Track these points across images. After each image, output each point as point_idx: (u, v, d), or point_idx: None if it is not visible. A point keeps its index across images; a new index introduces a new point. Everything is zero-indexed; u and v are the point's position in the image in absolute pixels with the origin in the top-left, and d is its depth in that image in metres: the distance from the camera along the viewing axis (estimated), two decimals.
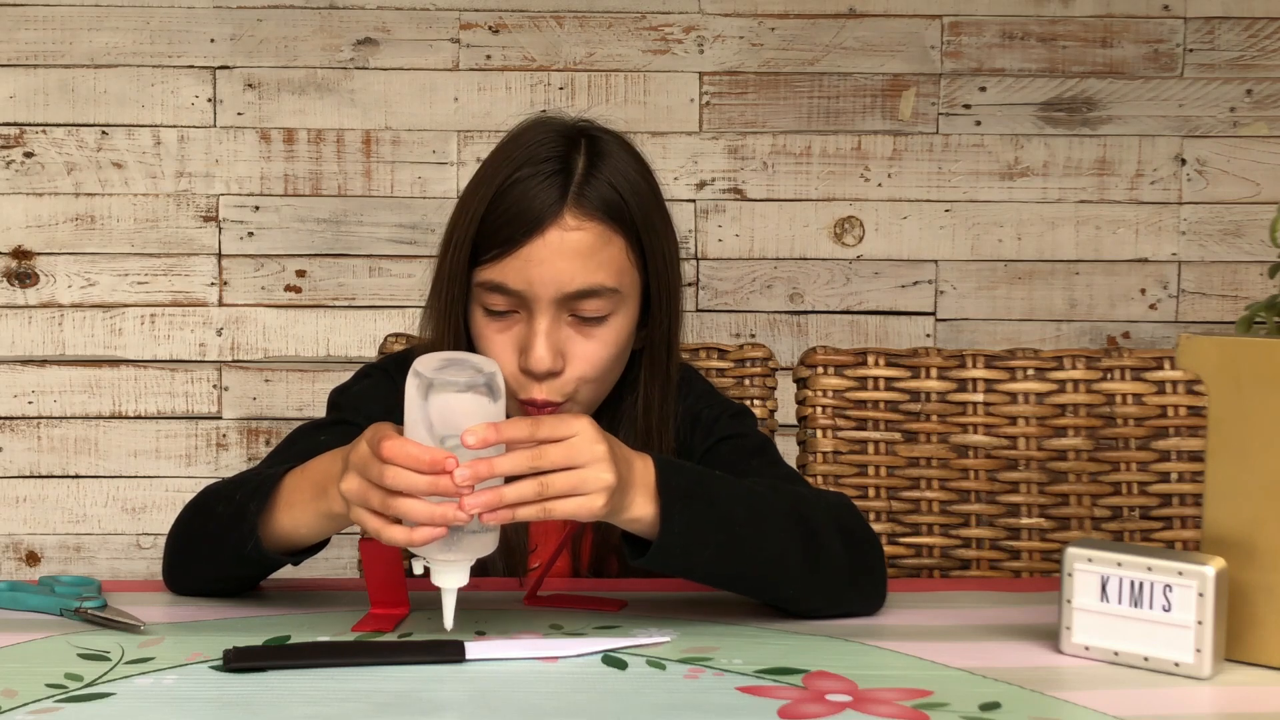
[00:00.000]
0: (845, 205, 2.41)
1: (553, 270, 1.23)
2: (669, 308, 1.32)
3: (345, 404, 1.37)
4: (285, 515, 1.12)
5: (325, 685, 0.97)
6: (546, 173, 1.24)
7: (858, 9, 2.38)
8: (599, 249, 1.24)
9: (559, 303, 1.24)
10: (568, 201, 1.23)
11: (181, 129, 2.36)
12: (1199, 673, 1.01)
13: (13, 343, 2.37)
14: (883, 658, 1.05)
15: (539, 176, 1.24)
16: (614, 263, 1.25)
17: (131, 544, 2.39)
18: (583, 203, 1.24)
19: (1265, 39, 2.40)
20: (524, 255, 1.23)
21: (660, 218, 1.31)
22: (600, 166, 1.26)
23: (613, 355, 1.28)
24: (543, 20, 2.37)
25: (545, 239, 1.22)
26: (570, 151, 1.26)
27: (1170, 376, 1.61)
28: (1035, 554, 1.61)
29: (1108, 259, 2.42)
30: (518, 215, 1.23)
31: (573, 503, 1.02)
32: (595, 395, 1.30)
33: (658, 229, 1.30)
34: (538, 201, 1.23)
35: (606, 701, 0.95)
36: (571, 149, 1.26)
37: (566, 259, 1.23)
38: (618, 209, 1.25)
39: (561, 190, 1.23)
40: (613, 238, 1.25)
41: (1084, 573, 1.05)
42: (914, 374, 1.61)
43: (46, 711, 0.91)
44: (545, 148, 1.26)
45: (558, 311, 1.24)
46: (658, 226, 1.30)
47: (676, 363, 1.35)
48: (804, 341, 2.40)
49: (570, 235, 1.23)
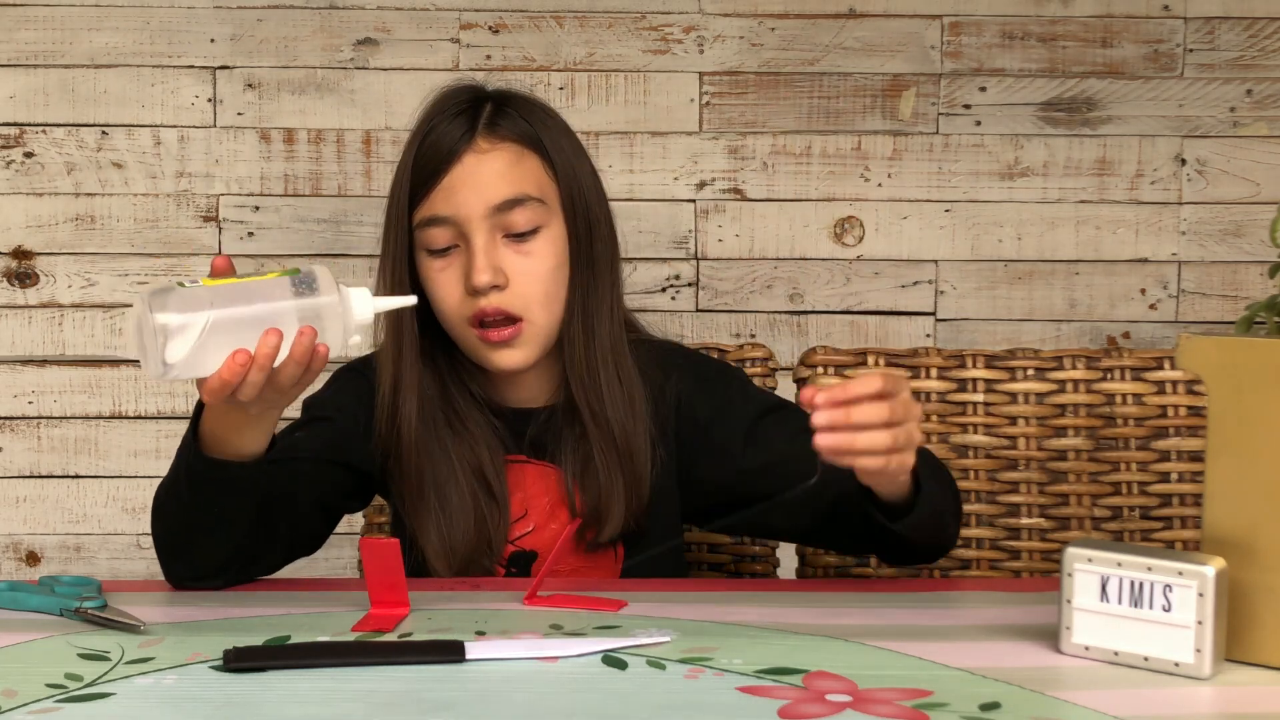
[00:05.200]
0: (845, 205, 2.41)
1: (474, 187, 1.32)
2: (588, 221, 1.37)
3: (316, 403, 1.42)
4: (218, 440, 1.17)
5: (325, 685, 0.97)
6: (456, 112, 1.35)
7: (858, 9, 2.38)
8: (514, 163, 1.34)
9: (490, 223, 1.31)
10: (478, 130, 1.34)
11: (181, 129, 2.36)
12: (1199, 673, 1.01)
13: (13, 343, 2.37)
14: (883, 658, 1.05)
15: (450, 116, 1.35)
16: (532, 174, 1.34)
17: (131, 544, 2.39)
18: (493, 129, 1.34)
19: (1265, 39, 2.40)
20: (446, 184, 1.32)
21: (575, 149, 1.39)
22: (508, 104, 1.37)
23: (551, 269, 1.34)
24: (543, 20, 2.37)
25: (462, 163, 1.32)
26: (480, 99, 1.37)
27: (1170, 376, 1.61)
28: (1035, 554, 1.61)
29: (1108, 259, 2.42)
30: (435, 153, 1.33)
31: (902, 456, 1.10)
32: (548, 319, 1.35)
33: (570, 156, 1.37)
34: (450, 136, 1.33)
35: (606, 701, 0.95)
36: (481, 98, 1.37)
37: (485, 175, 1.32)
38: (527, 132, 1.35)
39: (471, 123, 1.34)
40: (525, 153, 1.35)
41: (1084, 573, 1.05)
42: (914, 374, 1.61)
43: (46, 711, 0.91)
44: (456, 99, 1.37)
45: (490, 231, 1.32)
46: (570, 155, 1.37)
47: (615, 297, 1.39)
48: (804, 341, 2.40)
49: (485, 155, 1.33)
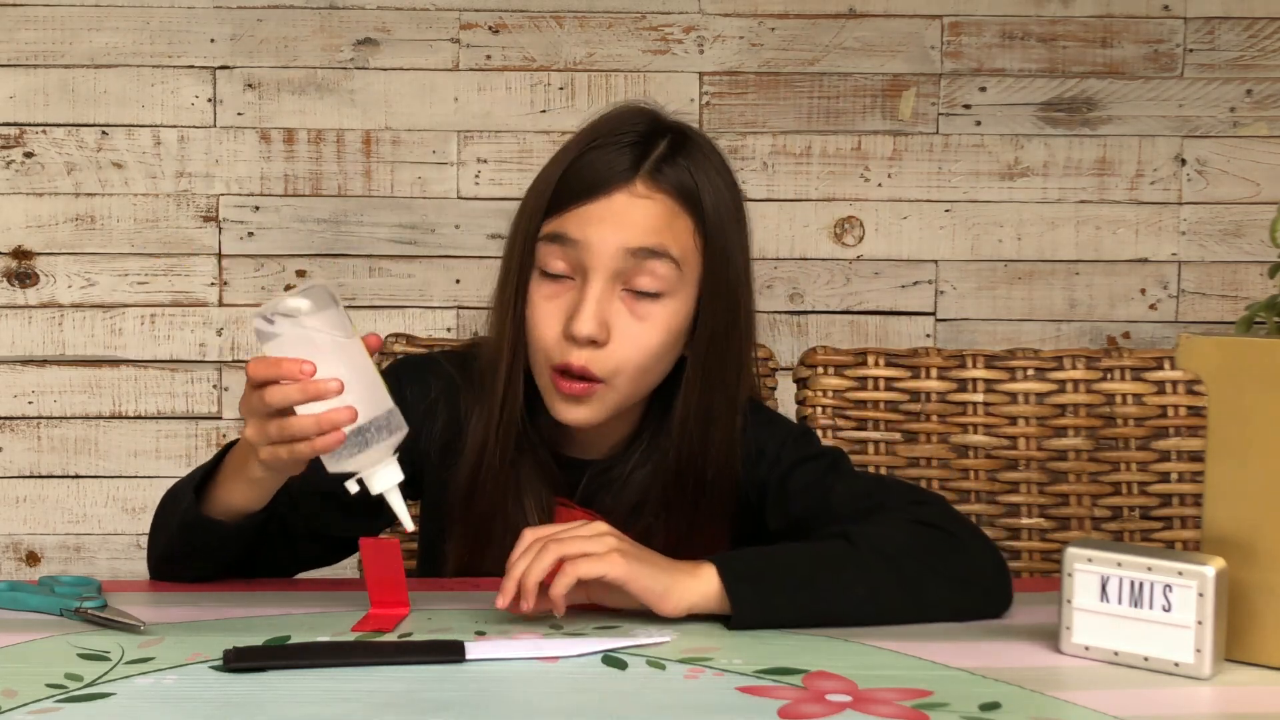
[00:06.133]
0: (845, 205, 2.41)
1: (614, 227, 1.21)
2: (728, 312, 1.27)
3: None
4: (222, 488, 1.17)
5: (325, 685, 0.97)
6: (624, 143, 1.23)
7: (858, 9, 2.38)
8: (666, 220, 1.22)
9: (615, 270, 1.21)
10: (640, 171, 1.22)
11: (181, 129, 2.36)
12: (1199, 673, 1.01)
13: (13, 343, 2.37)
14: (883, 658, 1.05)
15: (617, 146, 1.23)
16: (679, 238, 1.23)
17: (131, 544, 2.39)
18: (657, 176, 1.22)
19: (1265, 39, 2.40)
20: (587, 211, 1.21)
21: (734, 220, 1.27)
22: (682, 152, 1.24)
23: (660, 343, 1.23)
24: (543, 20, 2.37)
25: (611, 199, 1.21)
26: (655, 133, 1.25)
27: (1170, 376, 1.61)
28: (1035, 554, 1.61)
29: (1108, 259, 2.42)
30: (589, 175, 1.22)
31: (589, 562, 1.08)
32: (631, 390, 1.25)
33: (727, 228, 1.26)
34: (610, 167, 1.22)
35: (606, 701, 0.95)
36: (656, 131, 1.25)
37: (630, 220, 1.21)
38: (691, 192, 1.23)
39: (636, 160, 1.22)
40: (680, 214, 1.23)
41: (1084, 573, 1.05)
42: (914, 374, 1.61)
43: (46, 711, 0.91)
44: (630, 124, 1.25)
45: (611, 282, 1.22)
46: (728, 226, 1.26)
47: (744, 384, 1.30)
48: (804, 341, 2.40)
49: (639, 201, 1.22)
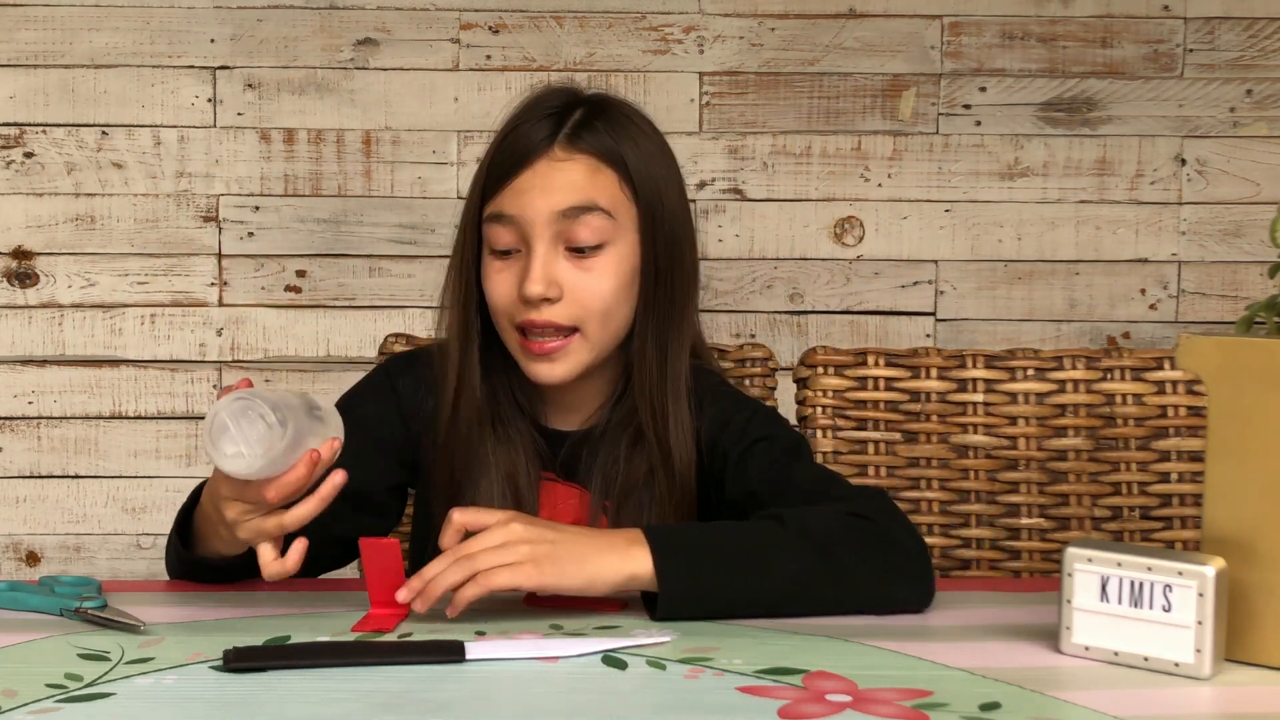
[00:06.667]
0: (845, 205, 2.41)
1: (541, 193, 1.30)
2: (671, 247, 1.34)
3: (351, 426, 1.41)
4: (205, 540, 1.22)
5: (325, 685, 0.97)
6: (543, 115, 1.32)
7: (858, 9, 2.38)
8: (588, 176, 1.31)
9: (552, 230, 1.29)
10: (558, 139, 1.31)
11: (181, 129, 2.36)
12: (1199, 673, 1.01)
13: (13, 343, 2.37)
14: (883, 658, 1.05)
15: (535, 119, 1.32)
16: (604, 190, 1.31)
17: (131, 544, 2.39)
18: (575, 140, 1.31)
19: (1265, 39, 2.40)
20: (516, 184, 1.31)
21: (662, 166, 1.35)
22: (599, 117, 1.33)
23: (613, 287, 1.32)
24: (543, 20, 2.37)
25: (535, 169, 1.30)
26: (571, 105, 1.34)
27: (1170, 376, 1.61)
28: (1035, 554, 1.61)
29: (1108, 259, 2.42)
30: (513, 152, 1.31)
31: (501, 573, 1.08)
32: (603, 336, 1.33)
33: (655, 172, 1.34)
34: (529, 139, 1.31)
35: (606, 701, 0.95)
36: (573, 104, 1.34)
37: (554, 183, 1.30)
38: (610, 148, 1.32)
39: (554, 129, 1.31)
40: (602, 169, 1.31)
41: (1084, 573, 1.05)
42: (914, 374, 1.61)
43: (46, 711, 0.91)
44: (548, 102, 1.34)
45: (552, 241, 1.30)
46: (655, 170, 1.34)
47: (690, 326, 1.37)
48: (804, 341, 2.40)
49: (559, 164, 1.31)
